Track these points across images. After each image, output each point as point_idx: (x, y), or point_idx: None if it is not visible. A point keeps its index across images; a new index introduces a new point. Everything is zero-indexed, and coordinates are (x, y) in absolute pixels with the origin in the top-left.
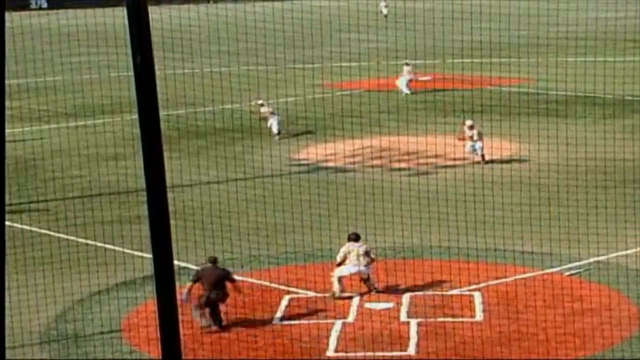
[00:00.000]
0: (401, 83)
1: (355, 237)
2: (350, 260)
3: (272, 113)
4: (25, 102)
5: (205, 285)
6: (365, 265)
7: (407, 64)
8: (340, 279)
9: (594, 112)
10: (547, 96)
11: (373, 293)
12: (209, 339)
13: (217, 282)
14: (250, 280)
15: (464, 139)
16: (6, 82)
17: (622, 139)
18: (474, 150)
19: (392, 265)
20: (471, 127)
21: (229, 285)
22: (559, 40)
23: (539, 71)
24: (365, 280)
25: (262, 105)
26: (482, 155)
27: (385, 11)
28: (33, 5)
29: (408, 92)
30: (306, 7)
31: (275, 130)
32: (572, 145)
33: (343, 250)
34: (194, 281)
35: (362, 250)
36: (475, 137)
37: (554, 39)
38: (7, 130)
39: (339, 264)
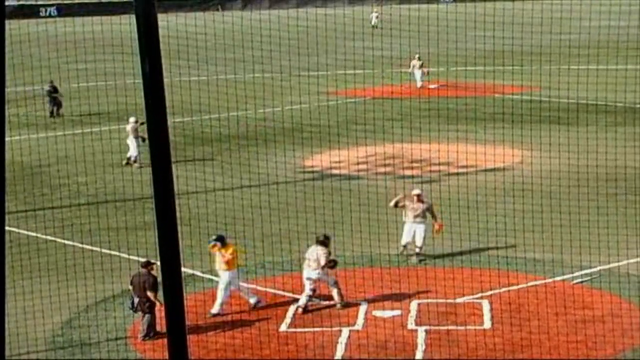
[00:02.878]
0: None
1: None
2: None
3: (136, 137)
4: (32, 109)
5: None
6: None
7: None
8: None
9: (596, 120)
10: (552, 104)
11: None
12: (216, 345)
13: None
14: (257, 287)
15: (403, 206)
16: (14, 89)
17: (624, 146)
18: (413, 237)
19: (399, 272)
20: (419, 198)
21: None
22: (564, 48)
23: (545, 79)
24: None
25: (137, 122)
26: (420, 248)
27: (374, 22)
28: (42, 13)
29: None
30: (312, 16)
31: (133, 154)
32: (579, 153)
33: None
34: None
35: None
36: (419, 215)
37: (559, 47)
38: (14, 137)
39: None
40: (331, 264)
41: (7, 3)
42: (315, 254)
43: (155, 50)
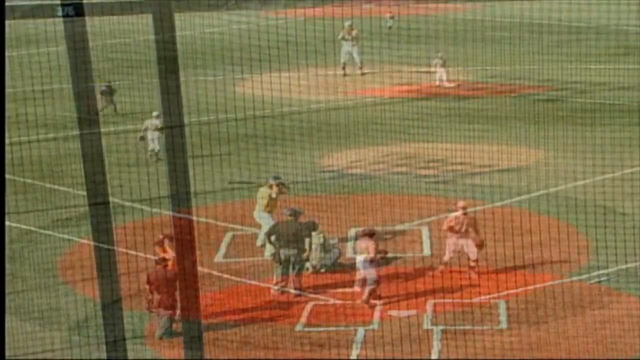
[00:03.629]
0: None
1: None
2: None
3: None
4: (50, 109)
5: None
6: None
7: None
8: None
9: (612, 120)
10: (570, 104)
11: None
12: (232, 344)
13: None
14: (273, 287)
15: (452, 229)
16: (30, 88)
17: None
18: (465, 250)
19: (416, 272)
20: (465, 211)
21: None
22: (583, 48)
23: (564, 79)
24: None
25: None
26: (475, 261)
27: (390, 23)
28: (60, 13)
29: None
30: (329, 14)
31: (156, 148)
32: (597, 152)
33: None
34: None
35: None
36: (465, 229)
37: (577, 47)
38: (32, 136)
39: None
40: (381, 254)
41: (22, 3)
42: (364, 246)
43: (171, 49)
